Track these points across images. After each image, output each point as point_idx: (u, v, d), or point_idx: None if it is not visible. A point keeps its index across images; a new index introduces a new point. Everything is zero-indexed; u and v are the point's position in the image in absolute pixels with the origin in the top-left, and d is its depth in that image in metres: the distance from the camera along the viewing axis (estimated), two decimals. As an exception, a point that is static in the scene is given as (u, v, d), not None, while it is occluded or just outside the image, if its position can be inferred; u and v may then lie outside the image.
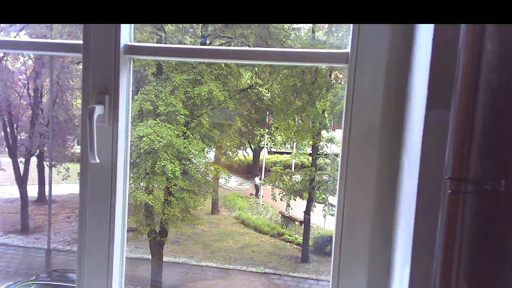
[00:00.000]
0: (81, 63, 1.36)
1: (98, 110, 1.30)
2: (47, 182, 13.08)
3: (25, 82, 13.11)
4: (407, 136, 1.12)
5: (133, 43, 1.37)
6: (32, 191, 13.46)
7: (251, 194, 16.01)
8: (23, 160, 12.66)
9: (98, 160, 1.31)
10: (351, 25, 1.27)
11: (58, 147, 12.93)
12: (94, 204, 1.38)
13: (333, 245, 1.34)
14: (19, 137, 12.73)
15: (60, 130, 13.02)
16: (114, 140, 1.35)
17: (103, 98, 1.33)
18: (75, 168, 13.07)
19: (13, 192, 13.63)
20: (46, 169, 12.92)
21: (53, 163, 12.57)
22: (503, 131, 0.84)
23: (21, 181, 12.60)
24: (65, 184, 14.26)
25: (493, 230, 0.83)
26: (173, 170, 9.97)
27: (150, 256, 11.53)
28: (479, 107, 0.83)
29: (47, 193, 13.21)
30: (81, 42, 1.36)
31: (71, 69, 12.94)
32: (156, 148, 9.74)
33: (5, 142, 12.52)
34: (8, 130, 12.35)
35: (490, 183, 0.83)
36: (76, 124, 13.04)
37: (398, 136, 1.20)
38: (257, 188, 15.64)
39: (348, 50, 1.27)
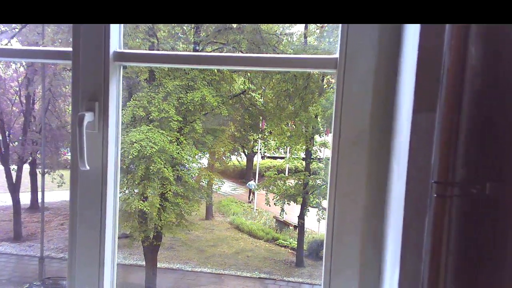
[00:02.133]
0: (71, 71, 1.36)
1: (88, 117, 1.30)
2: (39, 189, 13.00)
3: (17, 89, 13.05)
4: (396, 140, 1.13)
5: (122, 50, 1.37)
6: (25, 198, 13.37)
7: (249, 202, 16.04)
8: (16, 167, 12.58)
9: (88, 167, 1.30)
10: (340, 29, 1.28)
11: (51, 154, 12.87)
12: (84, 211, 1.37)
13: (324, 249, 1.34)
14: (11, 144, 12.65)
15: (53, 137, 12.95)
16: (104, 147, 1.35)
17: (93, 105, 1.33)
18: (69, 175, 12.95)
19: (6, 199, 13.54)
20: (39, 176, 12.84)
21: (46, 170, 12.50)
22: (488, 134, 0.84)
23: (14, 188, 12.52)
24: (58, 191, 14.17)
25: (479, 233, 0.84)
26: (168, 174, 9.96)
27: (144, 263, 11.47)
28: (464, 110, 0.84)
29: (39, 200, 13.13)
30: (70, 49, 1.36)
31: (63, 76, 12.89)
32: (148, 154, 9.72)
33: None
34: (0, 137, 12.27)
35: (476, 186, 0.84)
36: (69, 131, 12.97)
37: (388, 140, 1.21)
38: (251, 192, 15.65)
39: (337, 55, 1.29)
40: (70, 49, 1.36)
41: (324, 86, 12.12)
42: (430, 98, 0.90)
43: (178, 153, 10.28)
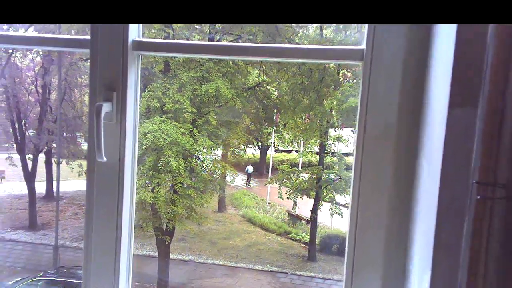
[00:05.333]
0: (89, 60, 1.33)
1: (106, 107, 1.27)
2: (55, 178, 13.12)
3: (34, 79, 13.15)
4: (426, 136, 1.07)
5: (141, 39, 1.34)
6: (40, 187, 13.52)
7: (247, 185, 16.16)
8: (31, 156, 12.71)
9: (105, 159, 1.28)
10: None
11: (67, 144, 12.97)
12: (101, 202, 1.34)
13: (346, 248, 1.29)
14: (27, 133, 12.77)
15: (69, 127, 13.05)
16: (122, 138, 1.32)
17: (110, 95, 1.29)
18: (85, 164, 13.01)
19: (22, 188, 13.70)
20: (54, 166, 12.96)
21: (65, 159, 12.60)
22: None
23: (29, 177, 12.66)
24: (73, 181, 14.30)
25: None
26: (177, 167, 9.95)
27: (156, 254, 11.53)
28: (508, 107, 0.79)
29: (55, 189, 13.25)
30: (89, 37, 1.33)
31: (79, 66, 12.96)
32: (160, 145, 9.73)
33: (13, 139, 12.58)
34: (17, 126, 12.40)
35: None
36: (84, 121, 13.06)
37: (416, 136, 1.16)
38: (249, 175, 15.69)
39: (363, 46, 1.23)
40: (88, 37, 1.33)
41: (340, 80, 12.02)
42: (470, 92, 0.84)
43: (191, 145, 10.27)
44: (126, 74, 1.30)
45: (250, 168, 15.02)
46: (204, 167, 11.46)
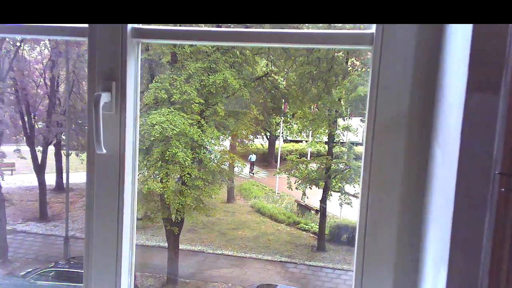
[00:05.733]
0: (87, 49, 1.28)
1: (104, 97, 1.22)
2: (64, 170, 13.20)
3: (42, 71, 13.18)
4: (441, 124, 1.01)
5: (141, 26, 1.28)
6: (50, 179, 13.61)
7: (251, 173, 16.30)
8: (41, 148, 12.78)
9: (105, 151, 1.23)
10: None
11: (76, 136, 13.04)
12: (101, 196, 1.30)
13: (356, 242, 1.24)
14: (36, 126, 12.83)
15: (78, 119, 13.10)
16: (122, 129, 1.27)
17: (109, 85, 1.24)
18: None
19: (32, 180, 13.80)
20: (64, 158, 13.04)
21: (73, 151, 12.67)
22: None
23: (39, 169, 12.74)
24: (83, 173, 14.36)
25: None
26: (184, 158, 9.93)
27: (166, 244, 11.58)
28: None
29: (64, 181, 13.35)
30: (87, 25, 1.28)
31: (87, 58, 12.94)
32: (168, 136, 9.71)
33: (23, 131, 12.64)
34: (26, 119, 12.45)
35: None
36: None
37: (429, 124, 1.09)
38: (252, 164, 15.72)
39: (373, 30, 1.17)
40: (86, 25, 1.28)
41: (349, 69, 11.89)
42: (491, 76, 0.78)
43: (199, 136, 10.24)
44: (125, 63, 1.25)
45: (253, 157, 15.04)
46: (212, 158, 11.45)
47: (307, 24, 11.82)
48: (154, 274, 11.39)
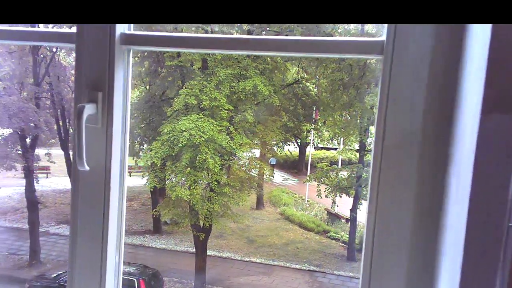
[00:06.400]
0: (75, 56, 1.21)
1: (89, 109, 1.13)
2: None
3: (77, 76, 13.46)
4: (456, 149, 0.86)
5: (132, 32, 1.18)
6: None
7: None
8: (75, 152, 13.02)
9: (87, 168, 1.13)
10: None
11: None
12: (85, 217, 1.20)
13: (361, 265, 1.10)
14: (71, 130, 13.11)
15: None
16: (108, 144, 1.17)
17: (95, 96, 1.15)
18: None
19: (66, 183, 14.08)
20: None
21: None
22: None
23: (73, 172, 12.96)
24: (114, 177, 14.57)
25: None
26: (214, 165, 9.90)
27: (194, 250, 11.59)
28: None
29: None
30: (75, 31, 1.19)
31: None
32: (196, 143, 9.69)
33: (57, 135, 12.92)
34: (61, 123, 12.73)
35: None
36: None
37: (445, 146, 0.94)
38: (272, 167, 15.58)
39: (384, 38, 1.02)
40: (75, 31, 1.19)
41: (381, 76, 11.62)
42: (510, 96, 0.64)
43: (227, 142, 10.20)
44: (113, 72, 1.15)
45: (273, 160, 14.96)
46: (241, 164, 11.40)
47: (341, 27, 11.65)
48: (182, 280, 11.41)
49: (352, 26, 11.92)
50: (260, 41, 1.16)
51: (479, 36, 0.81)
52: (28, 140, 11.92)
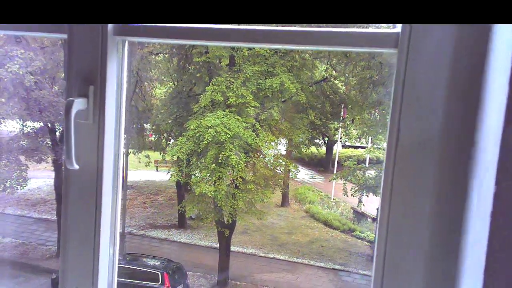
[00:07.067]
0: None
1: (78, 104, 1.05)
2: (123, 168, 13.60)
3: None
4: (478, 158, 0.74)
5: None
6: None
7: None
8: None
9: (76, 166, 1.06)
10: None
11: (136, 136, 13.37)
12: (76, 218, 1.13)
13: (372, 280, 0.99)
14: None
15: (139, 119, 13.43)
16: (100, 141, 1.09)
17: (86, 90, 1.07)
18: (153, 156, 13.51)
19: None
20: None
21: (131, 150, 12.99)
22: None
23: (99, 167, 13.17)
24: (141, 171, 14.76)
25: None
26: (237, 161, 9.84)
27: (218, 245, 11.61)
28: None
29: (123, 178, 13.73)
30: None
31: (150, 60, 13.27)
32: (222, 140, 9.65)
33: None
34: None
35: None
36: (153, 113, 13.42)
37: (465, 155, 0.81)
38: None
39: (399, 29, 0.90)
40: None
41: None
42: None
43: (253, 139, 10.12)
44: (106, 64, 1.07)
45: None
46: (266, 161, 11.32)
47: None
48: (205, 275, 11.44)
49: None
50: (267, 33, 1.05)
51: (505, 37, 0.69)
52: (57, 134, 12.13)
